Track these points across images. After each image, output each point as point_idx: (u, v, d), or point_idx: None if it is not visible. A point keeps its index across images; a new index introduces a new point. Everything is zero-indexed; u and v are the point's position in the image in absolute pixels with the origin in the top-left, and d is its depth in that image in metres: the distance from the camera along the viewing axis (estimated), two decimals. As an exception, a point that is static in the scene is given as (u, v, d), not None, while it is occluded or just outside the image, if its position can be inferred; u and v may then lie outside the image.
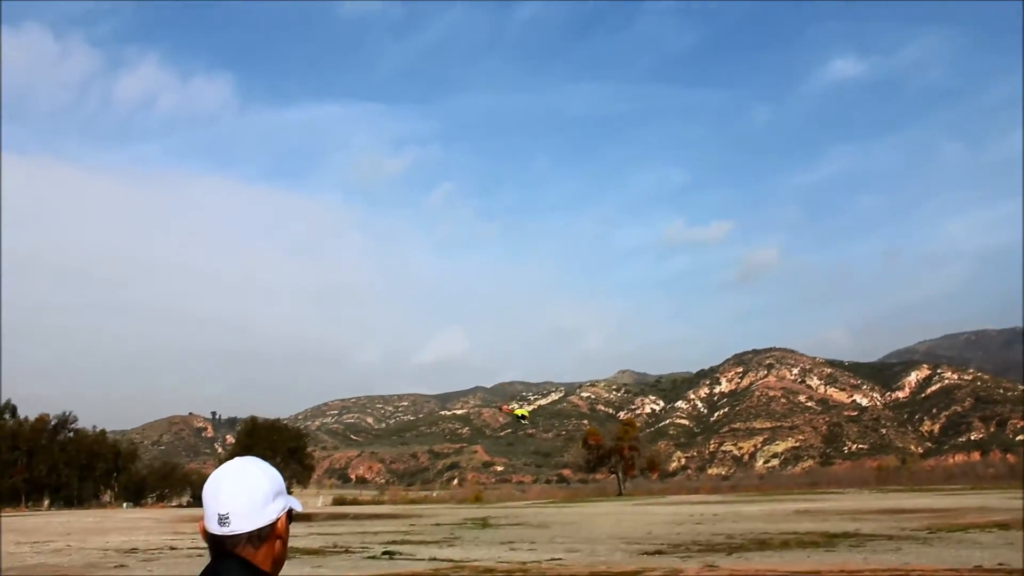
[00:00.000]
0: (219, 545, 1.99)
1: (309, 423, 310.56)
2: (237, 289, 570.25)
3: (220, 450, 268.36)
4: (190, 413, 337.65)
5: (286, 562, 2.12)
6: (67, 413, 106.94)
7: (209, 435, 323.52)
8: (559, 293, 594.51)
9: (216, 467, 2.44)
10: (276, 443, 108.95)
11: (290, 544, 2.25)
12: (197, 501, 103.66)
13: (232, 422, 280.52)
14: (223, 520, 1.99)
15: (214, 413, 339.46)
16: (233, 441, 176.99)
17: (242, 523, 1.99)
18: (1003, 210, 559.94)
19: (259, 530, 1.99)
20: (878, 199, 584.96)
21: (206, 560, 2.18)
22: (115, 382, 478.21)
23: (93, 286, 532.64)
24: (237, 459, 2.10)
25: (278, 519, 2.05)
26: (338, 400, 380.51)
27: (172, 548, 31.71)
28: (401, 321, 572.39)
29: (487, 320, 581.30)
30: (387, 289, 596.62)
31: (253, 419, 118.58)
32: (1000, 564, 19.52)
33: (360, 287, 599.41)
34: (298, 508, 2.12)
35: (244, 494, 1.99)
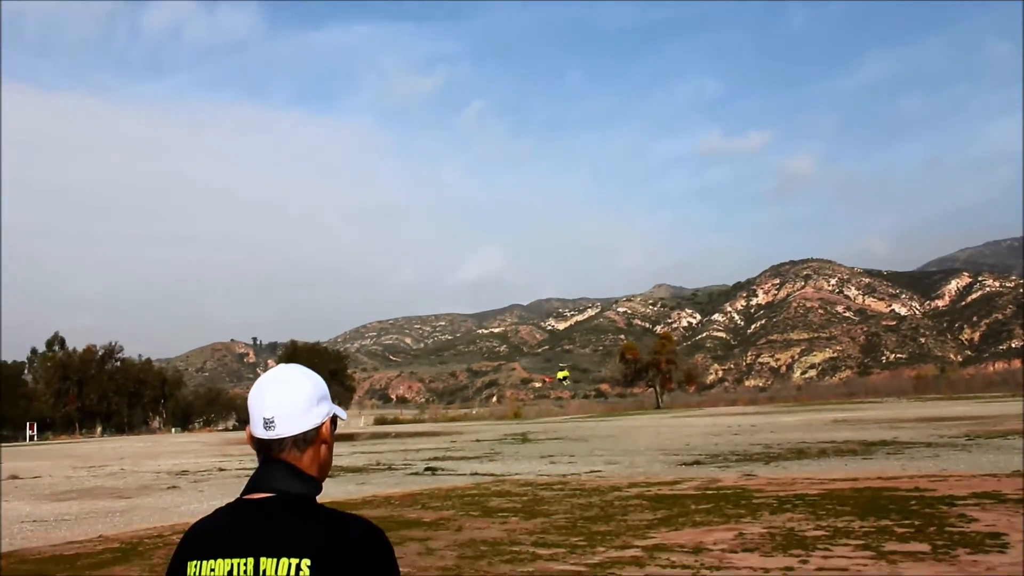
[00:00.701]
0: (266, 450, 1.98)
1: (348, 345, 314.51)
2: (275, 215, 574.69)
3: (262, 374, 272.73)
4: (232, 340, 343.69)
5: (330, 478, 2.21)
6: (113, 343, 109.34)
7: (251, 360, 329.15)
8: (595, 209, 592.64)
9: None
10: (317, 365, 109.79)
11: (334, 463, 2.32)
12: (242, 424, 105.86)
13: (273, 347, 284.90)
14: (268, 424, 1.99)
15: (255, 339, 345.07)
16: (274, 365, 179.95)
17: (287, 426, 1.98)
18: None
19: (304, 433, 1.97)
20: (919, 103, 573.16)
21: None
22: (158, 312, 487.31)
23: (133, 218, 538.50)
24: (281, 365, 2.10)
25: (323, 423, 2.02)
26: (376, 322, 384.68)
27: (220, 469, 32.63)
28: (438, 242, 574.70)
29: (523, 238, 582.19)
30: (423, 210, 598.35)
31: (293, 343, 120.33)
32: (1038, 468, 19.59)
33: (396, 209, 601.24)
34: (343, 416, 2.14)
35: (288, 398, 1.98)
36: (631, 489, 19.46)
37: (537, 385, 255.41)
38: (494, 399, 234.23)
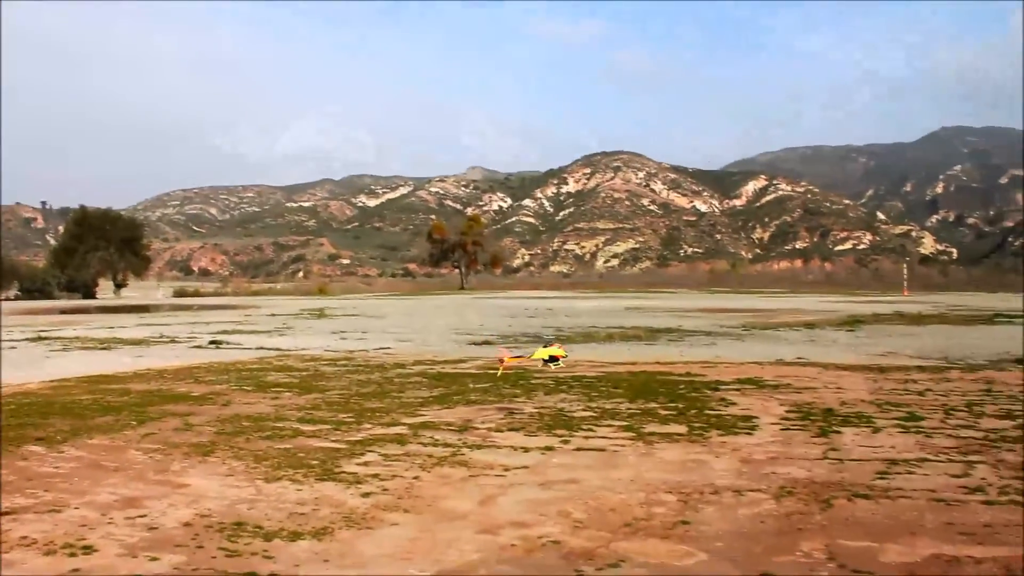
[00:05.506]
0: None
1: (149, 214, 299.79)
2: (75, 53, 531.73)
3: (52, 241, 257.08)
4: (17, 203, 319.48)
5: (105, 350, 1.59)
6: None
7: (40, 226, 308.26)
8: (416, 86, 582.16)
9: (47, 259, 1.62)
10: (109, 233, 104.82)
11: (113, 335, 1.56)
12: (26, 293, 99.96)
13: (65, 213, 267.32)
14: None
15: (44, 203, 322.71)
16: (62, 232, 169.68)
17: None
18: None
19: None
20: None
21: (35, 350, 1.59)
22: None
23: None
24: None
25: None
26: (180, 190, 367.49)
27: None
28: (257, 105, 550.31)
29: (341, 108, 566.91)
30: (259, 62, 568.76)
31: (83, 208, 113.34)
32: (799, 357, 20.82)
33: (220, 59, 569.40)
34: None
35: None
36: (415, 367, 19.34)
37: (345, 261, 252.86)
38: (301, 274, 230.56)
